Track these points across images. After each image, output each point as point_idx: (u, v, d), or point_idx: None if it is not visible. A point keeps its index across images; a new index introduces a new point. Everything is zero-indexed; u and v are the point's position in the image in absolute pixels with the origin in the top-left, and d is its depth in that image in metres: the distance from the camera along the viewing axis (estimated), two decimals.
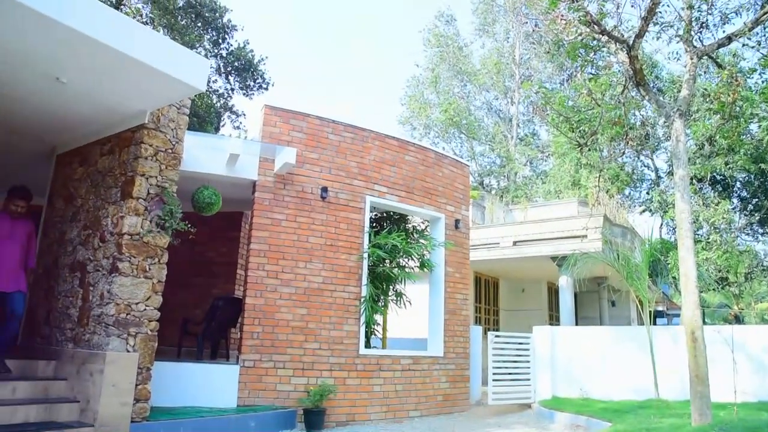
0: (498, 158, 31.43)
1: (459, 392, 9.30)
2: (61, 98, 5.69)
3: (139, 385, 5.63)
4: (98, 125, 6.38)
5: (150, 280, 5.82)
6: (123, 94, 5.56)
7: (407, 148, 9.30)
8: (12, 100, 5.81)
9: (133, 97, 5.65)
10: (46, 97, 5.68)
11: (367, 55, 60.50)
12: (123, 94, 5.58)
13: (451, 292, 9.50)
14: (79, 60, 4.89)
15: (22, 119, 6.36)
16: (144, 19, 19.74)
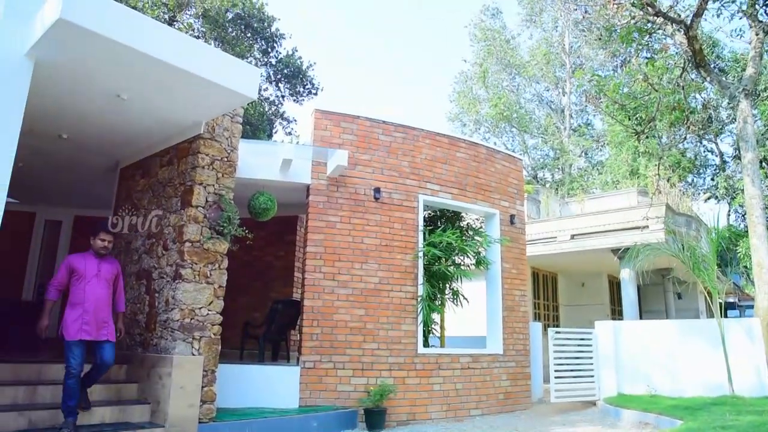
0: (551, 150, 30.76)
1: (520, 390, 9.15)
2: (123, 114, 5.94)
3: (205, 387, 5.81)
4: (157, 138, 6.62)
5: (211, 286, 6.00)
6: (180, 106, 5.75)
7: (458, 144, 9.23)
8: (79, 118, 6.11)
9: (189, 109, 5.83)
10: (109, 113, 5.94)
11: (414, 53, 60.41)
12: (180, 107, 5.77)
13: (509, 289, 9.35)
14: (138, 77, 5.09)
15: (89, 136, 6.68)
16: (196, 33, 20.37)
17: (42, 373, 5.72)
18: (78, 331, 4.93)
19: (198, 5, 20.07)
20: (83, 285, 5.07)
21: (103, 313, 5.14)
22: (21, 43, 4.73)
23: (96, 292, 5.12)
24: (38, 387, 5.38)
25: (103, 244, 5.23)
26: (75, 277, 5.09)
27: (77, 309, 5.00)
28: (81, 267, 5.12)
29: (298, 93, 23.28)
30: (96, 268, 5.18)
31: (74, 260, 5.17)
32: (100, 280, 5.17)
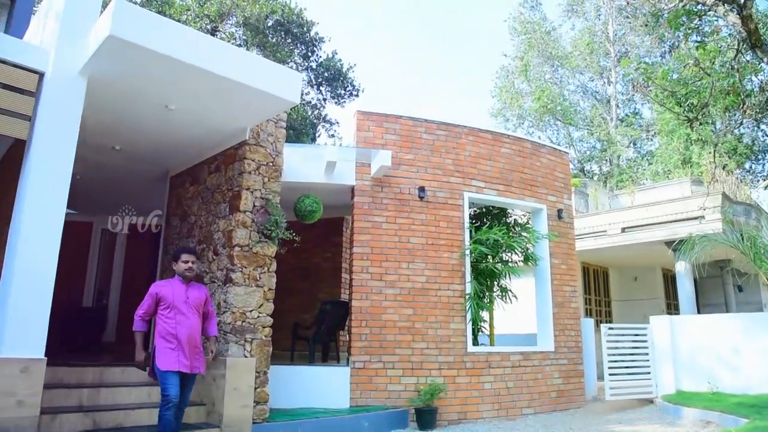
0: (598, 142, 29.98)
1: (573, 388, 8.95)
2: (171, 124, 6.12)
3: (258, 388, 5.92)
4: (205, 145, 6.79)
5: (261, 289, 6.10)
6: (225, 114, 5.88)
7: (502, 140, 9.11)
8: (130, 130, 6.33)
9: (235, 116, 5.95)
10: (158, 124, 6.13)
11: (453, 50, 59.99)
12: (225, 114, 5.90)
13: (558, 285, 9.17)
14: (185, 87, 5.23)
15: (140, 147, 6.91)
16: (238, 41, 20.78)
17: (104, 376, 5.94)
18: (175, 362, 4.66)
19: (238, 14, 20.49)
20: (173, 315, 4.74)
21: (196, 343, 4.80)
22: (75, 61, 4.93)
23: (187, 322, 4.76)
24: (101, 389, 5.59)
25: (186, 266, 4.86)
26: (162, 306, 4.76)
27: (170, 341, 4.69)
28: (168, 295, 4.77)
29: (340, 95, 23.48)
30: (184, 295, 4.81)
31: (160, 288, 4.82)
32: (189, 308, 4.80)
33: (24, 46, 5.19)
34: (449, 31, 58.18)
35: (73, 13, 5.04)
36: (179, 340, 4.70)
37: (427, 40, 61.09)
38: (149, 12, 5.02)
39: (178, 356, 4.66)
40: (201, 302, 4.92)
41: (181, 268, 4.90)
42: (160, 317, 4.78)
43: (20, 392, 4.35)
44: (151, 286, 4.82)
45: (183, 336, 4.72)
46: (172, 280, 4.93)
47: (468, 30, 56.76)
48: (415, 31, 60.69)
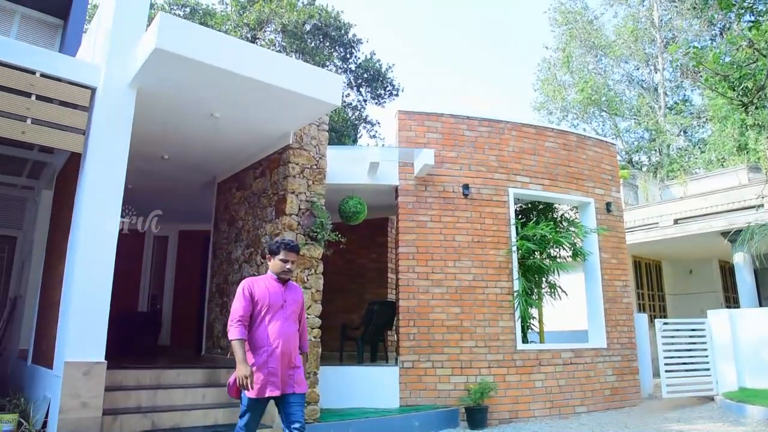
0: (646, 132, 29.09)
1: (628, 385, 8.71)
2: (217, 131, 6.26)
3: (309, 388, 5.98)
4: (250, 151, 6.92)
5: (309, 290, 6.17)
6: (269, 119, 5.98)
7: (546, 134, 8.94)
8: (178, 139, 6.51)
9: (278, 121, 6.04)
10: (204, 132, 6.29)
11: (493, 45, 59.34)
12: (269, 120, 6.00)
13: (609, 280, 8.94)
14: (229, 95, 5.35)
15: (187, 155, 7.11)
16: (277, 48, 21.09)
17: (160, 379, 6.11)
18: (263, 387, 3.67)
19: (277, 21, 20.80)
20: (267, 321, 3.78)
21: (293, 358, 3.83)
22: (124, 75, 5.11)
23: (285, 331, 3.80)
24: (158, 391, 5.76)
25: (286, 266, 3.91)
26: (256, 309, 3.81)
27: (260, 354, 3.71)
28: (264, 296, 3.82)
29: (380, 96, 23.55)
30: (281, 298, 3.87)
31: (255, 286, 3.86)
32: (286, 313, 3.87)
33: (77, 63, 5.41)
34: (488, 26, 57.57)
35: (120, 30, 5.22)
36: (274, 355, 3.71)
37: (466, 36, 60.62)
38: (192, 24, 5.16)
39: (269, 378, 3.68)
40: (299, 308, 4.02)
41: (278, 267, 3.91)
42: (253, 325, 3.80)
43: (84, 394, 4.54)
44: (242, 284, 3.87)
45: (279, 350, 3.73)
46: (266, 278, 3.95)
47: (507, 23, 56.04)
48: (454, 26, 60.32)
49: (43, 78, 4.88)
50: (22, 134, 4.73)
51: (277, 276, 3.94)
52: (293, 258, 3.95)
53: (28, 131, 4.75)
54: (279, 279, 3.93)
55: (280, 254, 3.92)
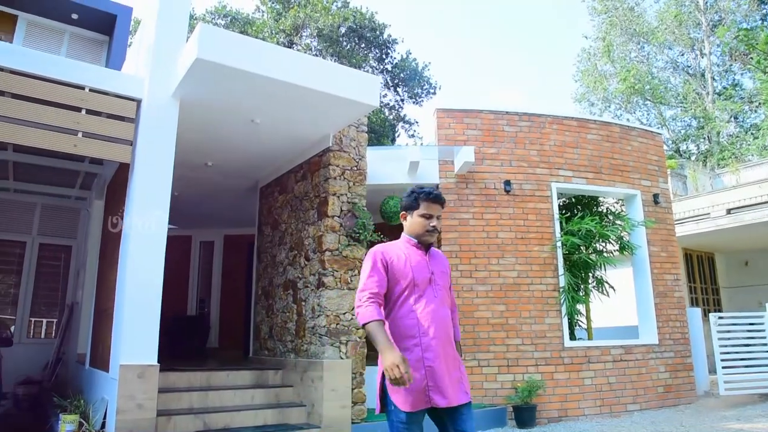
0: (694, 120, 28.13)
1: (682, 382, 8.44)
2: (258, 137, 6.38)
3: (355, 389, 6.03)
4: (290, 155, 7.01)
5: (353, 291, 6.21)
6: (308, 123, 6.04)
7: (588, 126, 8.75)
8: (221, 146, 6.66)
9: (317, 124, 6.10)
10: (246, 138, 6.41)
11: (531, 37, 58.44)
12: (308, 123, 6.06)
13: (659, 273, 8.68)
14: (269, 101, 5.43)
15: (230, 161, 7.25)
16: (313, 52, 21.32)
17: (210, 380, 6.26)
18: (422, 394, 2.59)
19: (312, 26, 21.02)
20: (414, 302, 2.72)
21: (453, 353, 2.77)
22: (167, 86, 5.26)
23: (440, 314, 2.73)
24: (209, 392, 5.90)
25: (430, 224, 2.83)
26: (395, 287, 2.75)
27: (410, 349, 2.65)
28: (405, 269, 2.75)
29: (417, 95, 23.53)
30: (427, 270, 2.80)
31: (391, 254, 2.80)
32: (437, 291, 2.78)
33: (122, 77, 5.60)
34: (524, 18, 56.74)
35: (162, 42, 5.38)
36: (429, 347, 2.65)
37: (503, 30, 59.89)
38: (231, 32, 5.27)
39: (428, 383, 2.61)
40: (448, 283, 2.91)
41: (419, 226, 2.84)
42: (392, 308, 2.75)
43: (138, 396, 4.69)
44: (372, 252, 2.81)
45: (436, 342, 2.66)
46: (400, 244, 2.90)
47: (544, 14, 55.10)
48: (490, 21, 59.68)
49: (92, 92, 5.07)
50: (74, 147, 4.92)
51: (418, 239, 2.85)
52: (438, 211, 2.86)
53: (80, 144, 4.95)
54: (420, 243, 2.86)
55: (419, 208, 2.84)
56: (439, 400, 2.59)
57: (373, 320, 2.54)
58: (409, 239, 2.88)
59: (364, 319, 2.57)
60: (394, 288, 2.73)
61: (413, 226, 2.86)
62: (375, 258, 2.77)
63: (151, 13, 5.81)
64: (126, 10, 9.78)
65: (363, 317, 2.57)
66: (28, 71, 4.81)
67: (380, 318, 2.57)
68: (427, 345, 2.64)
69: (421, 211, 2.83)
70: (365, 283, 2.70)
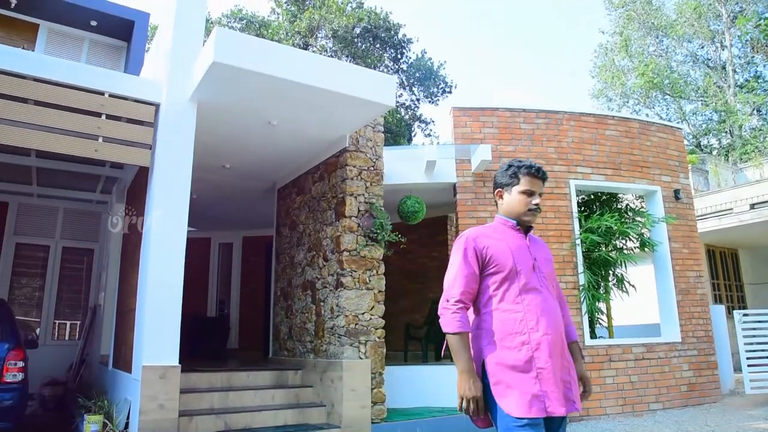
0: (715, 113, 27.67)
1: (706, 381, 8.30)
2: (275, 139, 6.41)
3: (374, 389, 6.03)
4: (307, 156, 7.04)
5: (371, 291, 6.22)
6: (325, 124, 6.07)
7: (606, 122, 8.66)
8: (238, 148, 6.71)
9: (334, 125, 6.12)
10: (263, 140, 6.45)
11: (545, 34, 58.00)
12: (325, 124, 6.08)
13: (681, 270, 8.55)
14: (286, 103, 5.46)
15: (247, 163, 7.31)
16: (329, 53, 21.38)
17: (231, 381, 6.31)
18: (535, 401, 2.19)
19: (327, 27, 21.09)
20: (518, 293, 2.34)
21: (566, 352, 2.40)
22: (185, 90, 5.32)
23: (549, 307, 2.36)
24: (229, 393, 5.94)
25: (532, 202, 2.44)
26: (491, 277, 2.37)
27: (516, 348, 2.26)
28: (503, 255, 2.37)
29: (433, 94, 23.48)
30: (529, 256, 2.42)
31: (485, 240, 2.41)
32: (542, 279, 2.41)
33: (141, 82, 5.68)
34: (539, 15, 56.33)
35: (179, 47, 5.44)
36: (539, 346, 2.26)
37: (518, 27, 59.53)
38: (247, 35, 5.32)
39: (540, 385, 2.21)
40: (553, 271, 2.54)
41: (519, 204, 2.45)
42: (491, 301, 2.36)
43: (161, 396, 4.75)
44: (462, 239, 2.43)
45: (545, 339, 2.28)
46: (496, 227, 2.50)
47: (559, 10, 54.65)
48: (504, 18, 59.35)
49: (111, 98, 5.14)
50: (95, 152, 5.00)
51: (518, 220, 2.46)
52: (541, 188, 2.48)
53: (100, 149, 5.02)
54: (519, 225, 2.47)
55: (519, 184, 2.45)
56: (552, 409, 2.19)
57: (456, 332, 2.26)
58: (505, 221, 2.49)
59: (448, 327, 2.29)
60: (491, 278, 2.36)
61: (511, 205, 2.47)
62: (465, 247, 2.38)
63: (168, 18, 5.88)
64: (143, 16, 9.91)
65: (446, 326, 2.30)
66: (49, 78, 4.90)
67: (465, 330, 2.27)
68: (537, 343, 2.25)
69: (521, 187, 2.45)
70: (452, 282, 2.36)
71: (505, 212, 2.50)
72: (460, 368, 2.24)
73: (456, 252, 2.41)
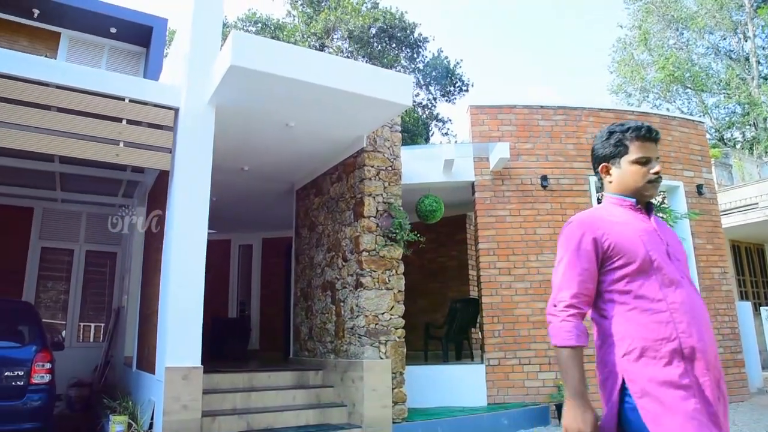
0: (738, 106, 27.15)
1: (733, 379, 8.15)
2: (293, 140, 6.44)
3: (395, 388, 6.03)
4: (325, 157, 7.06)
5: (391, 291, 6.22)
6: (342, 124, 6.08)
7: (626, 117, 8.54)
8: (256, 150, 6.76)
9: (352, 126, 6.13)
10: (281, 141, 6.48)
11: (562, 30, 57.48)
12: (342, 125, 6.10)
13: (705, 267, 8.41)
14: (303, 104, 5.49)
15: (266, 165, 7.35)
16: (345, 54, 21.44)
17: (253, 381, 6.36)
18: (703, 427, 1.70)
19: (343, 28, 21.14)
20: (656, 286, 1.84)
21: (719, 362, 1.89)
22: (203, 94, 5.37)
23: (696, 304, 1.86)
24: (251, 393, 5.99)
25: (650, 171, 2.00)
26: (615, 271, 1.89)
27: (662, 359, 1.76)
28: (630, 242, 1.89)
29: (449, 93, 23.41)
30: (661, 241, 1.94)
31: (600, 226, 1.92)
32: (680, 269, 1.93)
33: (160, 86, 5.75)
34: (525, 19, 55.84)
35: (197, 51, 5.49)
36: (693, 357, 1.78)
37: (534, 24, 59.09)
38: (263, 38, 5.35)
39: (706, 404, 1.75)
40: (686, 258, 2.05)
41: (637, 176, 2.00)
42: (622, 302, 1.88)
43: (184, 397, 4.80)
44: (571, 226, 1.97)
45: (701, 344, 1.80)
46: (610, 208, 2.03)
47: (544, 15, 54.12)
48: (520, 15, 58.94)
49: (132, 103, 5.21)
50: (116, 157, 5.07)
51: (637, 196, 2.01)
52: (656, 151, 2.04)
53: (121, 153, 5.09)
54: (638, 203, 2.01)
55: (629, 152, 2.00)
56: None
57: (567, 346, 1.80)
58: (620, 200, 2.02)
59: (555, 341, 1.84)
60: (618, 273, 1.87)
61: (624, 179, 2.01)
62: (578, 238, 1.90)
63: (185, 23, 5.95)
64: (161, 22, 10.04)
65: (555, 337, 1.84)
66: (71, 85, 4.98)
67: (579, 344, 1.79)
68: (691, 351, 1.75)
69: (632, 156, 2.00)
70: (561, 282, 1.90)
71: (617, 189, 2.04)
72: (569, 393, 1.79)
73: (565, 244, 1.93)
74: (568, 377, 1.81)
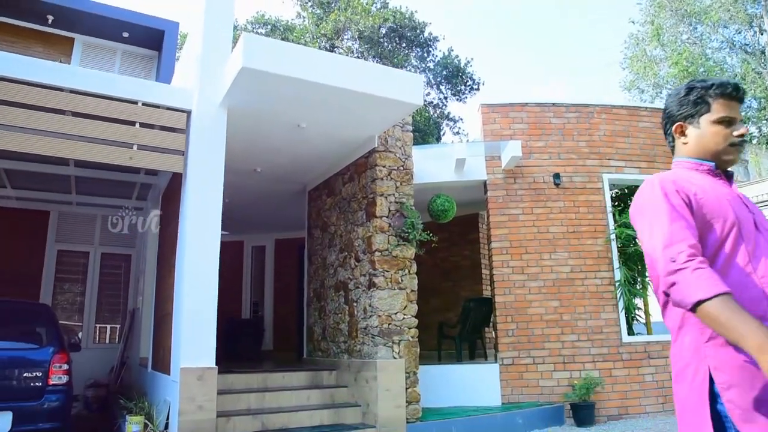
0: (754, 100, 26.81)
1: None
2: (304, 141, 6.47)
3: (409, 388, 6.03)
4: (337, 157, 7.08)
5: (404, 291, 6.21)
6: (353, 125, 6.09)
7: (638, 114, 8.48)
8: (268, 151, 6.79)
9: (362, 126, 6.14)
10: (292, 142, 6.51)
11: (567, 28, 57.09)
12: (353, 125, 6.11)
13: None
14: (314, 105, 5.50)
15: (278, 166, 7.39)
16: (355, 54, 21.45)
17: (267, 382, 6.38)
18: None
19: (353, 29, 21.16)
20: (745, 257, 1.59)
21: None
22: (215, 96, 5.40)
23: None
24: (266, 394, 6.01)
25: (734, 133, 1.76)
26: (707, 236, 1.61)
27: None
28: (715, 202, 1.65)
29: (460, 92, 23.35)
30: (746, 208, 1.71)
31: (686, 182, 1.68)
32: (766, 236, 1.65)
33: (172, 90, 5.80)
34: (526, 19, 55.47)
35: (208, 54, 5.53)
36: None
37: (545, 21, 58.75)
38: (274, 40, 5.38)
39: None
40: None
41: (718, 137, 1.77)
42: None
43: (199, 398, 4.83)
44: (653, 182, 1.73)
45: None
46: (688, 173, 1.79)
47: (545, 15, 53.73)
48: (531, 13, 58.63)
49: (144, 106, 5.26)
50: (129, 160, 5.12)
51: (717, 160, 1.79)
52: (739, 112, 1.81)
53: (135, 157, 5.14)
54: (717, 168, 1.79)
55: (711, 111, 1.78)
56: None
57: (716, 295, 1.40)
58: (696, 164, 1.79)
59: (695, 295, 1.43)
60: (708, 236, 1.62)
61: (703, 141, 1.78)
62: (666, 190, 1.65)
63: (196, 26, 5.99)
64: (173, 26, 10.11)
65: (692, 292, 1.43)
66: (85, 90, 5.04)
67: (725, 290, 1.41)
68: None
69: (714, 115, 1.76)
70: (667, 235, 1.55)
71: (694, 152, 1.80)
72: (751, 341, 1.33)
73: (652, 201, 1.66)
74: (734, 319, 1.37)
